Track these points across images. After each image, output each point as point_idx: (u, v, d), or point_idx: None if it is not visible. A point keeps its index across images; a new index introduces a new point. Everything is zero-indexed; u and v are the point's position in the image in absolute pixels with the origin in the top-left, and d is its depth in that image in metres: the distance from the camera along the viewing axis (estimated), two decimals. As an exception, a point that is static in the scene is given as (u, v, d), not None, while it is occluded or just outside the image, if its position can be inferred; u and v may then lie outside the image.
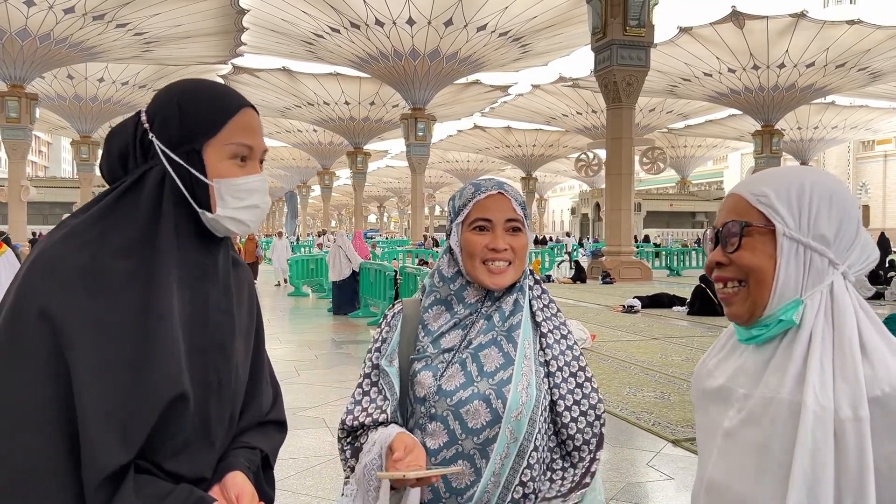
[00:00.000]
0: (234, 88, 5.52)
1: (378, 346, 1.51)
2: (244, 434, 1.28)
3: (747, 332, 1.07)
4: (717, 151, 62.52)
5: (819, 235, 1.02)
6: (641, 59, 21.62)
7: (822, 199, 1.03)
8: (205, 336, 1.18)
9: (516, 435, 1.37)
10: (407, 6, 27.21)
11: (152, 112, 1.21)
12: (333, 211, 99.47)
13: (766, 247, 1.04)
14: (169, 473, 1.11)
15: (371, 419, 1.42)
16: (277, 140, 54.36)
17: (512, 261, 1.43)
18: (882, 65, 32.42)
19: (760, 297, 1.04)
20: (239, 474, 1.19)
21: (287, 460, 4.87)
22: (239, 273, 1.32)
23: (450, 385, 1.40)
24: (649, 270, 23.29)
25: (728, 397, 1.08)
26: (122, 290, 1.10)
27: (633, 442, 5.45)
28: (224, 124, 1.20)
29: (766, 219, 1.04)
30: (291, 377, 7.70)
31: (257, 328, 1.36)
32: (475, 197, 1.45)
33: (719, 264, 1.08)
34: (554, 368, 1.44)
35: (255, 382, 1.32)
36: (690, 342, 10.17)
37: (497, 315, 1.45)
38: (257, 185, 1.25)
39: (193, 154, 1.19)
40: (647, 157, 41.16)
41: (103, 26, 25.48)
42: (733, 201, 1.09)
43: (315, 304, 16.21)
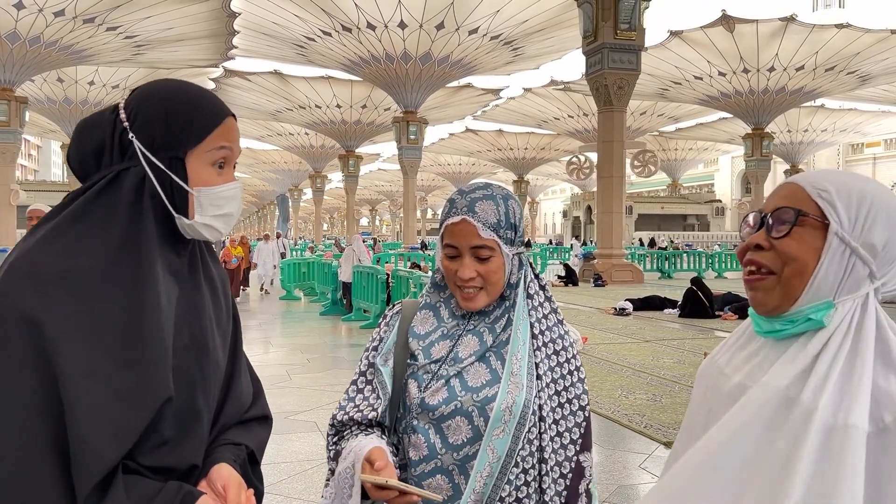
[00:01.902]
0: (227, 92, 5.49)
1: (375, 346, 1.51)
2: (228, 432, 1.28)
3: (769, 324, 1.04)
4: (707, 154, 62.80)
5: (868, 244, 1.00)
6: (632, 62, 21.70)
7: (881, 211, 1.00)
8: (185, 334, 1.18)
9: (499, 453, 1.35)
10: (398, 9, 27.23)
11: (133, 110, 1.19)
12: (325, 214, 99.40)
13: (814, 240, 1.01)
14: (156, 469, 1.12)
15: (361, 415, 1.42)
16: (269, 143, 54.26)
17: (482, 286, 1.41)
18: (871, 68, 32.65)
19: (793, 289, 1.01)
20: (224, 466, 1.20)
21: (279, 464, 4.86)
22: (212, 271, 1.32)
23: (433, 399, 1.39)
24: (641, 273, 23.36)
25: (739, 393, 1.05)
26: (106, 291, 1.09)
27: (624, 444, 5.46)
28: (209, 133, 1.20)
29: (821, 213, 1.01)
30: (283, 381, 7.68)
31: (235, 325, 1.36)
32: (446, 219, 1.42)
33: (758, 247, 1.04)
34: (544, 383, 1.41)
35: (233, 377, 1.32)
36: (682, 344, 10.19)
37: (487, 330, 1.44)
38: (234, 192, 1.26)
39: (176, 161, 1.18)
40: (638, 160, 41.29)
41: (94, 29, 25.38)
42: (791, 190, 1.06)
43: (307, 308, 16.17)
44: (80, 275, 1.09)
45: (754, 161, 36.91)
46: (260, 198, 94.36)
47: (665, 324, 12.79)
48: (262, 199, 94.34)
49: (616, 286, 20.68)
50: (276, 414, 6.12)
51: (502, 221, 1.41)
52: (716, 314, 13.23)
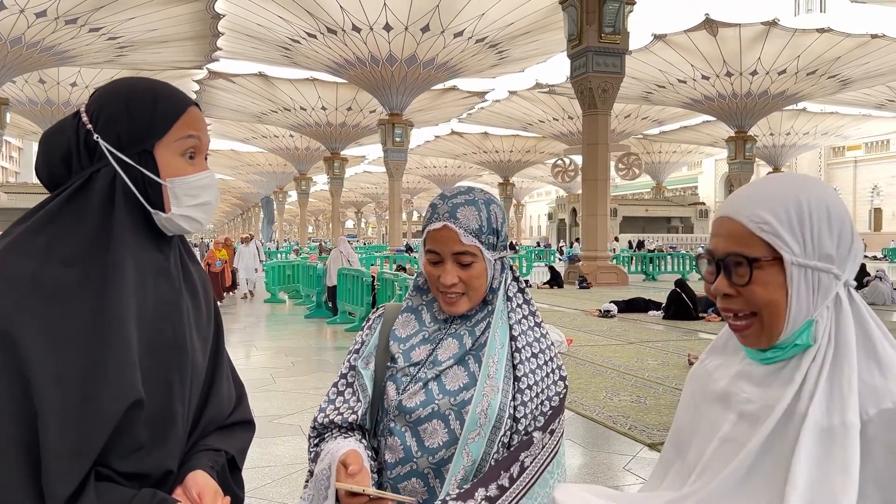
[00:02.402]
0: (211, 94, 5.46)
1: (357, 348, 1.51)
2: (208, 437, 1.26)
3: (762, 354, 1.05)
4: (691, 157, 63.30)
5: (824, 255, 1.00)
6: (617, 65, 21.82)
7: (822, 216, 1.00)
8: (163, 335, 1.17)
9: (474, 457, 1.34)
10: (384, 12, 27.23)
11: (95, 112, 1.18)
12: (310, 216, 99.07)
13: (775, 277, 1.01)
14: (129, 474, 1.10)
15: (341, 418, 1.42)
16: (253, 145, 54.05)
17: (465, 291, 1.41)
18: (851, 72, 33.05)
19: (776, 328, 1.01)
20: (200, 473, 1.18)
21: (264, 468, 4.83)
22: (193, 271, 1.30)
23: (411, 402, 1.39)
24: (625, 275, 23.46)
25: (728, 400, 1.08)
26: (74, 297, 1.08)
27: (609, 446, 5.48)
28: (174, 122, 1.19)
29: (770, 248, 1.01)
30: (268, 384, 7.64)
31: (216, 328, 1.34)
32: (428, 224, 1.42)
33: (726, 295, 1.04)
34: (524, 385, 1.40)
35: (214, 380, 1.31)
36: (666, 346, 10.25)
37: (467, 334, 1.44)
38: (209, 180, 1.25)
39: (145, 154, 1.17)
40: (622, 163, 41.48)
41: (76, 30, 25.19)
42: (731, 227, 1.04)
43: (292, 311, 16.10)
44: (49, 279, 1.07)
45: (737, 164, 37.27)
46: (244, 200, 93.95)
47: (649, 325, 12.85)
48: (246, 201, 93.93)
49: (601, 288, 20.76)
50: (261, 417, 6.09)
51: (484, 227, 1.41)
52: (700, 316, 13.32)
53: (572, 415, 6.33)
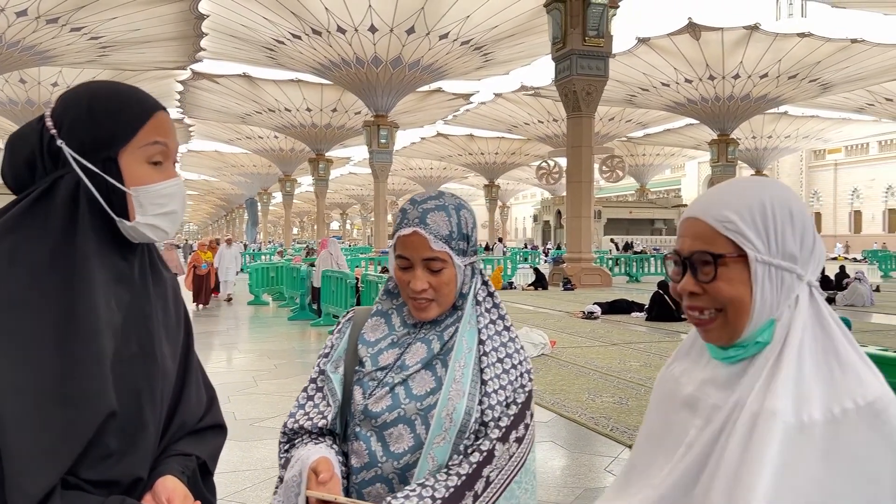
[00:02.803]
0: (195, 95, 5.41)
1: (326, 352, 1.51)
2: (178, 442, 1.26)
3: (724, 352, 1.07)
4: (674, 160, 63.70)
5: (787, 254, 1.03)
6: (600, 68, 21.94)
7: (785, 216, 1.03)
8: (131, 344, 1.15)
9: (439, 462, 1.34)
10: (369, 13, 27.19)
11: (59, 116, 1.16)
12: (295, 218, 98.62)
13: (740, 274, 1.03)
14: (99, 482, 1.08)
15: (311, 423, 1.41)
16: (238, 146, 53.77)
17: (434, 297, 1.41)
18: (832, 76, 33.41)
19: (739, 324, 1.04)
20: (169, 478, 1.17)
21: (245, 471, 4.81)
22: (161, 278, 1.29)
23: (377, 406, 1.38)
24: (609, 277, 23.58)
25: (696, 405, 1.08)
26: (41, 304, 1.06)
27: (591, 447, 5.51)
28: (139, 129, 1.17)
29: (735, 246, 1.03)
30: (250, 387, 7.60)
31: (186, 333, 1.33)
32: (398, 230, 1.42)
33: (692, 293, 1.06)
34: (490, 389, 1.39)
35: (184, 385, 1.29)
36: (649, 347, 10.31)
37: (435, 338, 1.43)
38: (175, 189, 1.22)
39: (109, 161, 1.15)
40: (606, 166, 41.67)
41: (57, 30, 24.94)
42: (696, 227, 1.06)
43: (275, 313, 16.03)
44: (13, 287, 1.05)
45: (720, 166, 37.59)
46: (229, 201, 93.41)
47: (632, 327, 12.92)
48: (230, 202, 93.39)
49: (585, 290, 20.84)
50: (242, 421, 6.08)
51: (454, 233, 1.40)
52: (682, 317, 13.39)
53: (555, 416, 6.35)
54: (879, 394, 0.96)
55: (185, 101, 38.82)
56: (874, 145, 63.62)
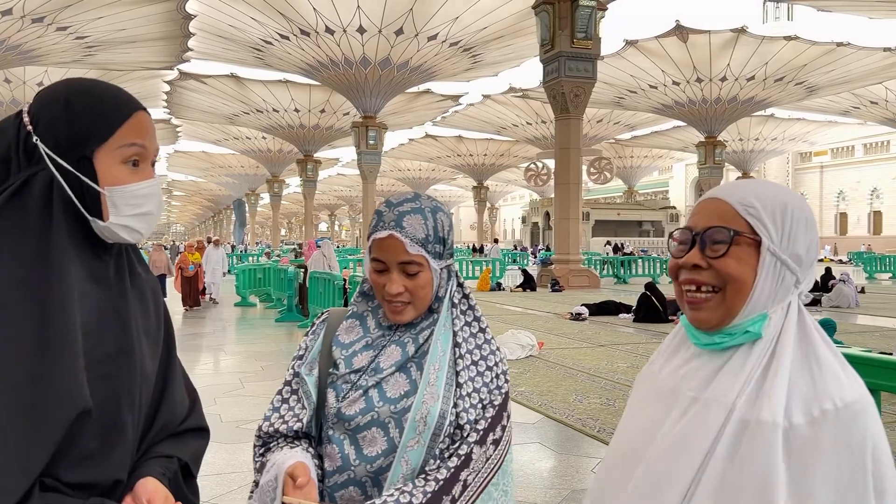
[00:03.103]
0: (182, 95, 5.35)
1: (301, 354, 1.49)
2: (159, 444, 1.24)
3: (709, 337, 1.07)
4: (662, 162, 64.01)
5: (795, 255, 1.05)
6: (589, 70, 22.01)
7: (801, 221, 1.06)
8: (107, 344, 1.14)
9: (413, 465, 1.33)
10: (357, 14, 27.16)
11: (36, 112, 1.15)
12: (283, 219, 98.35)
13: (749, 258, 1.04)
14: (76, 485, 1.07)
15: (286, 426, 1.40)
16: (225, 147, 53.56)
17: (410, 300, 1.40)
18: (818, 79, 33.70)
19: (735, 306, 1.04)
20: (150, 479, 1.16)
21: (230, 474, 4.78)
22: (140, 278, 1.27)
23: (350, 409, 1.37)
24: (597, 278, 23.64)
25: (674, 398, 1.09)
26: (16, 304, 1.05)
27: (578, 448, 5.51)
28: (117, 129, 1.15)
29: (752, 229, 1.05)
30: (236, 389, 7.56)
31: (167, 334, 1.32)
32: (374, 232, 1.40)
33: (696, 266, 1.07)
34: (465, 392, 1.38)
35: (164, 388, 1.28)
36: (636, 349, 10.34)
37: (410, 341, 1.42)
38: (150, 190, 1.20)
39: (84, 160, 1.14)
40: (594, 167, 41.88)
41: (43, 29, 24.75)
42: (717, 206, 1.08)
43: (262, 315, 15.96)
44: None
45: (707, 168, 37.81)
46: (216, 202, 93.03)
47: (620, 328, 12.95)
48: (218, 203, 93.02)
49: (573, 291, 20.88)
50: (228, 423, 6.04)
51: (430, 236, 1.39)
52: (669, 319, 13.45)
53: (542, 418, 6.35)
54: (857, 396, 0.98)
55: (172, 102, 38.63)
56: (859, 148, 64.22)
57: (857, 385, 1.00)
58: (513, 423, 5.02)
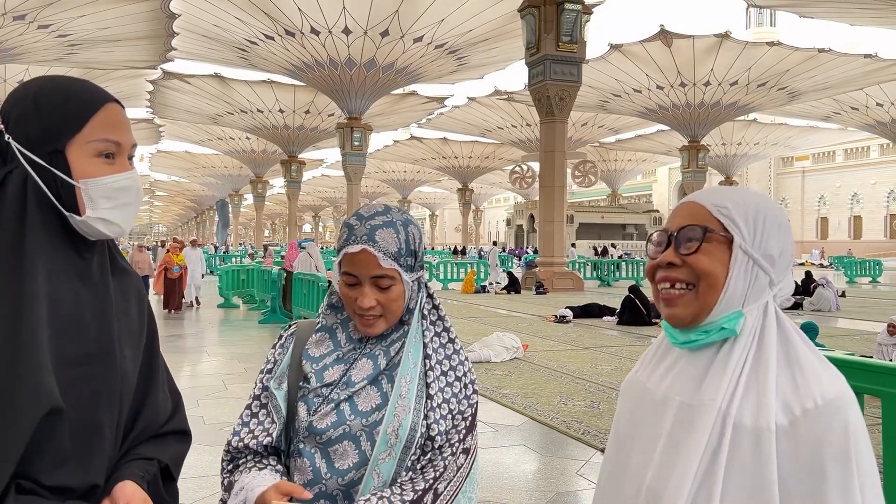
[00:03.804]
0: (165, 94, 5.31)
1: (269, 368, 1.47)
2: (139, 446, 1.23)
3: (685, 335, 1.09)
4: (646, 165, 64.44)
5: (768, 255, 1.08)
6: (574, 74, 22.10)
7: (773, 224, 1.09)
8: (85, 343, 1.13)
9: (384, 478, 1.34)
10: (343, 15, 27.10)
11: (7, 111, 1.14)
12: (267, 220, 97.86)
13: (722, 255, 1.07)
14: (54, 488, 1.06)
15: (256, 442, 1.38)
16: (209, 147, 53.23)
17: (381, 314, 1.39)
18: (800, 85, 34.06)
19: (708, 302, 1.07)
20: (129, 483, 1.15)
21: (213, 476, 4.73)
22: (124, 278, 1.26)
23: (321, 423, 1.36)
24: (581, 281, 23.73)
25: (666, 406, 1.10)
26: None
27: (563, 451, 5.51)
28: (87, 121, 1.14)
29: (724, 228, 1.08)
30: (219, 391, 7.50)
31: (150, 335, 1.30)
32: (345, 246, 1.39)
33: (671, 264, 1.10)
34: (436, 403, 1.39)
35: (147, 389, 1.26)
36: (620, 351, 10.38)
37: (382, 354, 1.42)
38: (128, 182, 1.18)
39: (56, 154, 1.12)
40: (579, 171, 42.03)
41: (24, 27, 24.48)
42: (691, 208, 1.12)
43: (246, 316, 15.86)
44: None
45: (690, 172, 38.05)
46: (199, 203, 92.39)
47: (604, 331, 13.00)
48: (201, 204, 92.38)
49: (557, 294, 20.94)
50: (211, 425, 5.99)
51: (403, 249, 1.39)
52: (653, 322, 13.53)
53: (526, 420, 6.35)
54: (838, 392, 1.00)
55: (156, 101, 38.32)
56: (840, 153, 64.99)
57: (839, 382, 1.02)
58: (498, 426, 5.01)
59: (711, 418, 1.02)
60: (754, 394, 1.01)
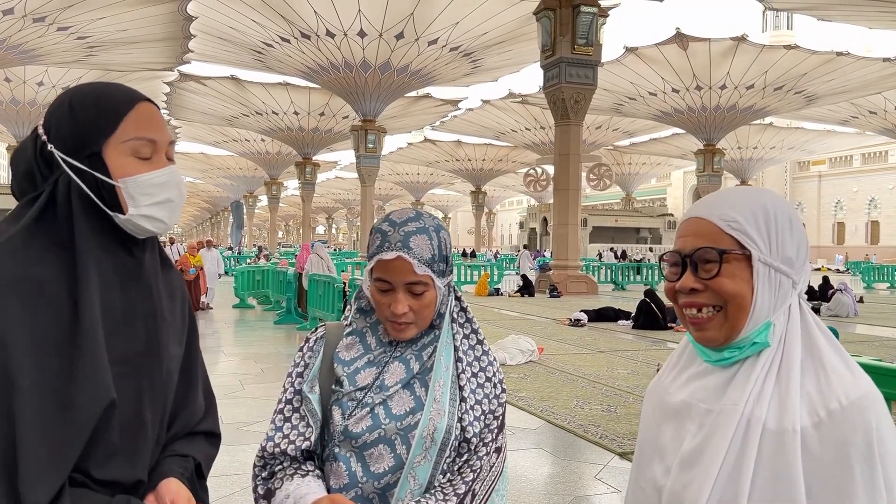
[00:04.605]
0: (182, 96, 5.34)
1: (300, 372, 1.47)
2: (175, 443, 1.26)
3: (718, 353, 1.08)
4: (660, 169, 64.13)
5: (786, 258, 1.06)
6: (589, 77, 22.04)
7: (785, 223, 1.06)
8: (134, 341, 1.15)
9: (420, 481, 1.35)
10: (358, 18, 27.18)
11: (47, 122, 1.18)
12: (281, 222, 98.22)
13: (742, 272, 1.05)
14: (102, 482, 1.09)
15: (293, 446, 1.38)
16: (224, 149, 53.53)
17: (413, 321, 1.39)
18: (817, 88, 33.79)
19: (739, 322, 1.05)
20: (173, 480, 1.18)
21: (231, 476, 4.75)
22: (169, 276, 1.28)
23: (357, 427, 1.37)
24: (595, 284, 23.65)
25: (688, 412, 1.09)
26: (46, 300, 1.08)
27: (580, 455, 5.49)
28: (120, 121, 1.17)
29: (739, 244, 1.05)
30: (236, 391, 7.53)
31: (190, 332, 1.32)
32: (379, 253, 1.38)
33: (693, 290, 1.07)
34: (469, 405, 1.40)
35: (187, 388, 1.28)
36: (636, 355, 10.33)
37: (413, 358, 1.43)
38: (166, 178, 1.20)
39: (94, 157, 1.15)
40: (593, 174, 41.90)
41: (44, 29, 24.72)
42: (700, 226, 1.08)
43: (261, 317, 15.92)
44: (24, 284, 1.07)
45: (706, 176, 37.85)
46: (214, 204, 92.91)
47: (619, 335, 12.94)
48: (215, 205, 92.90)
49: (571, 297, 20.88)
50: (229, 425, 6.02)
51: (436, 255, 1.39)
52: (668, 326, 13.45)
53: (543, 423, 6.33)
54: (864, 392, 0.99)
55: (172, 103, 38.58)
56: (858, 157, 64.42)
57: (864, 382, 1.01)
58: (514, 429, 4.99)
59: (734, 422, 1.01)
60: (778, 396, 1.00)
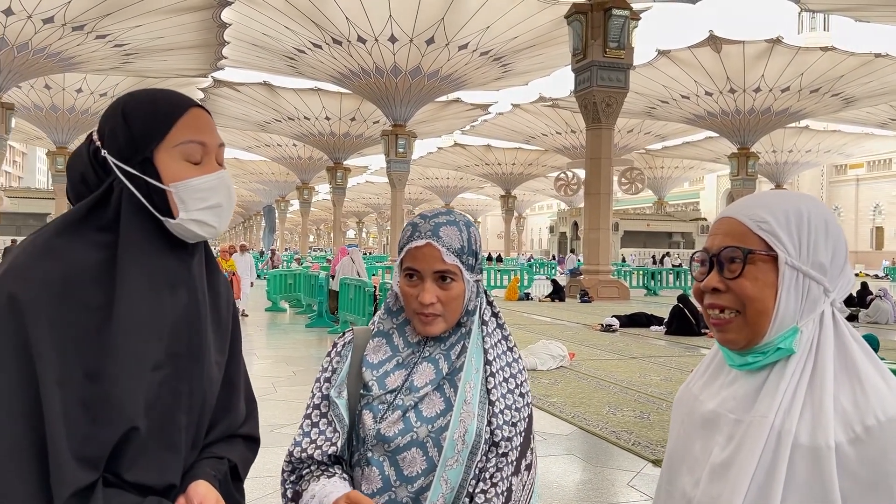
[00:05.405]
0: (215, 102, 5.40)
1: (328, 377, 1.46)
2: (212, 445, 1.27)
3: (741, 358, 1.05)
4: (693, 173, 63.38)
5: (818, 264, 1.02)
6: (621, 80, 21.87)
7: (819, 227, 1.02)
8: (177, 344, 1.16)
9: (452, 484, 1.35)
10: (389, 23, 27.33)
11: (101, 128, 1.21)
12: (312, 226, 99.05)
13: (766, 275, 1.02)
14: (133, 484, 1.11)
15: (320, 452, 1.39)
16: (256, 154, 54.18)
17: (441, 313, 1.39)
18: (855, 91, 33.12)
19: (760, 327, 1.02)
20: (202, 483, 1.18)
21: (264, 478, 4.79)
22: (216, 281, 1.29)
23: (389, 431, 1.37)
24: (627, 289, 23.43)
25: (717, 422, 1.07)
26: (81, 301, 1.09)
27: (613, 461, 5.44)
28: (171, 127, 1.19)
29: (767, 246, 1.02)
30: (269, 393, 7.61)
31: (234, 341, 1.33)
32: (409, 242, 1.40)
33: (715, 290, 1.05)
34: (497, 410, 1.40)
35: (229, 393, 1.29)
36: (668, 361, 10.21)
37: (442, 358, 1.42)
38: (216, 182, 1.22)
39: (146, 162, 1.17)
40: (625, 178, 41.59)
41: (83, 37, 25.27)
42: (730, 225, 1.06)
43: (293, 320, 16.06)
44: (67, 284, 1.09)
45: (740, 180, 37.29)
46: (246, 208, 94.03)
47: (651, 341, 12.80)
48: (248, 209, 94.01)
49: (602, 302, 20.72)
50: (263, 427, 6.01)
51: (465, 248, 1.41)
52: (702, 332, 13.27)
53: (575, 429, 6.29)
54: None
55: (206, 109, 39.13)
56: (896, 160, 62.93)
57: None
58: (545, 434, 4.96)
59: (764, 434, 0.98)
60: (810, 410, 0.97)
